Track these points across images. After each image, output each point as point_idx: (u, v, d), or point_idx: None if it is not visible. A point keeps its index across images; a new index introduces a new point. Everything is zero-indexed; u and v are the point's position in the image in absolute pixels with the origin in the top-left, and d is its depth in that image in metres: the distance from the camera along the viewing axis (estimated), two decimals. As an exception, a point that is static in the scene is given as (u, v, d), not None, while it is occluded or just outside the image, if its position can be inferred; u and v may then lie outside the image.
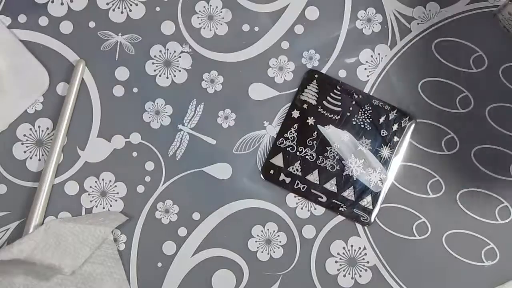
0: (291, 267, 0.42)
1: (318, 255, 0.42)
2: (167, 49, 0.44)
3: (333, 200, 0.42)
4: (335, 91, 0.43)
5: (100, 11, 0.44)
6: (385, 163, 0.42)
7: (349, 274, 0.42)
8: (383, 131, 0.43)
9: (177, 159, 0.43)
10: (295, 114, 0.43)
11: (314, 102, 0.43)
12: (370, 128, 0.42)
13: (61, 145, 0.43)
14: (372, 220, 0.42)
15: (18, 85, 0.43)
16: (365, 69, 0.44)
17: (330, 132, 0.43)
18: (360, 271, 0.42)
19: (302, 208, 0.43)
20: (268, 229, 0.42)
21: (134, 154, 0.43)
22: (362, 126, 0.43)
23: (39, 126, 0.43)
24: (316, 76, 0.43)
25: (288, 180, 0.42)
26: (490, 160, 0.43)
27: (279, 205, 0.43)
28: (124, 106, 0.44)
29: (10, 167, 0.43)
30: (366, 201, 0.42)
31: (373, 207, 0.42)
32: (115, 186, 0.43)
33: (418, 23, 0.44)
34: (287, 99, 0.43)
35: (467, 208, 0.42)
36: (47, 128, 0.43)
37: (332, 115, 0.43)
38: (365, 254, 0.42)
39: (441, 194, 0.42)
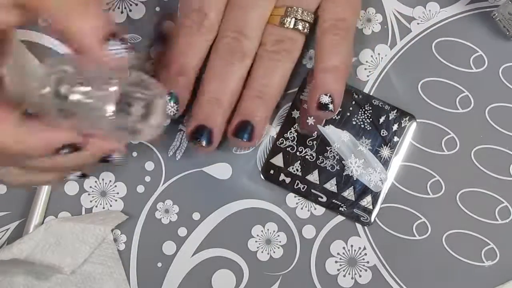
0: (291, 267, 0.42)
1: (318, 255, 0.42)
2: (167, 49, 0.44)
3: (333, 200, 0.42)
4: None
5: (100, 11, 0.44)
6: (385, 163, 0.42)
7: (349, 274, 0.42)
8: (383, 131, 0.43)
9: (177, 159, 0.43)
10: (295, 114, 0.43)
11: (314, 102, 0.43)
12: (370, 128, 0.42)
13: (61, 145, 0.43)
14: (372, 220, 0.42)
15: (18, 85, 0.43)
16: (365, 69, 0.44)
17: (330, 132, 0.43)
18: (360, 271, 0.42)
19: (302, 208, 0.43)
20: (268, 229, 0.42)
21: (134, 154, 0.43)
22: (362, 126, 0.43)
23: (39, 126, 0.43)
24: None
25: (288, 180, 0.42)
26: (490, 160, 0.43)
27: (279, 205, 0.43)
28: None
29: (10, 167, 0.43)
30: (366, 201, 0.42)
31: (373, 207, 0.42)
32: (115, 186, 0.43)
33: (418, 23, 0.44)
34: (287, 99, 0.43)
35: (467, 208, 0.42)
36: (47, 128, 0.43)
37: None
38: (365, 254, 0.42)
39: (441, 194, 0.42)
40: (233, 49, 0.39)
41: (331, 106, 0.38)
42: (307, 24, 0.40)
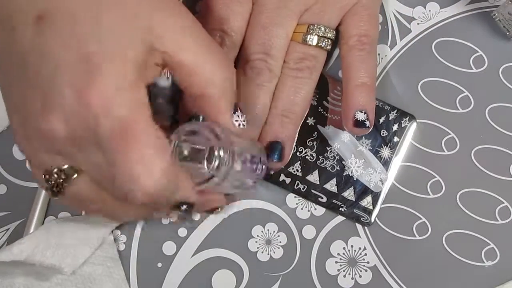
0: (291, 268, 0.42)
1: (318, 256, 0.42)
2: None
3: (333, 201, 0.42)
4: (335, 91, 0.43)
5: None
6: (385, 163, 0.42)
7: (349, 274, 0.42)
8: (383, 131, 0.43)
9: (177, 159, 0.43)
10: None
11: (314, 103, 0.43)
12: (370, 128, 0.42)
13: (61, 145, 0.43)
14: (372, 220, 0.42)
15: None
16: (365, 69, 0.44)
17: (330, 132, 0.43)
18: (360, 271, 0.42)
19: (302, 209, 0.43)
20: (268, 230, 0.42)
21: (134, 154, 0.43)
22: (362, 126, 0.42)
23: (39, 126, 0.43)
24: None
25: (288, 180, 0.42)
26: (490, 160, 0.43)
27: (279, 205, 0.43)
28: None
29: (10, 167, 0.43)
30: (366, 201, 0.42)
31: (373, 207, 0.42)
32: (115, 186, 0.43)
33: (418, 23, 0.44)
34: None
35: (467, 208, 0.42)
36: (47, 128, 0.43)
37: (332, 115, 0.43)
38: (365, 254, 0.42)
39: (441, 194, 0.42)
40: (261, 71, 0.39)
41: (367, 123, 0.39)
42: (329, 41, 0.40)
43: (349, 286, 0.42)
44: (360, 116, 0.39)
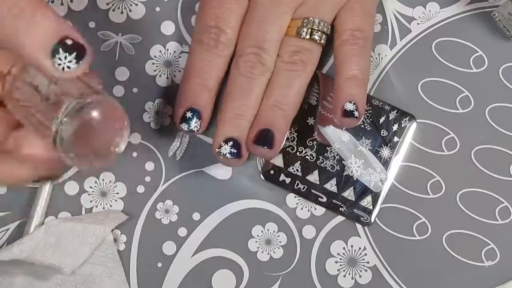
0: (291, 267, 0.42)
1: (318, 255, 0.42)
2: (167, 49, 0.44)
3: (333, 200, 0.42)
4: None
5: (100, 11, 0.44)
6: (385, 163, 0.42)
7: (349, 274, 0.42)
8: (383, 131, 0.43)
9: (177, 159, 0.43)
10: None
11: (314, 102, 0.43)
12: (370, 128, 0.42)
13: (61, 145, 0.43)
14: (372, 220, 0.42)
15: (18, 85, 0.43)
16: (365, 69, 0.44)
17: (330, 132, 0.43)
18: (360, 271, 0.42)
19: (302, 208, 0.43)
20: (268, 229, 0.42)
21: (134, 154, 0.43)
22: (362, 126, 0.43)
23: (39, 126, 0.43)
24: (316, 76, 0.43)
25: (288, 180, 0.42)
26: (490, 160, 0.43)
27: (279, 205, 0.43)
28: (124, 106, 0.43)
29: (10, 167, 0.43)
30: (366, 201, 0.42)
31: (373, 207, 0.42)
32: (115, 186, 0.43)
33: (418, 23, 0.44)
34: (287, 99, 0.43)
35: (467, 208, 0.42)
36: (47, 128, 0.43)
37: (331, 115, 0.43)
38: (365, 254, 0.42)
39: (441, 194, 0.42)
40: (254, 65, 0.39)
41: (356, 113, 0.38)
42: (324, 35, 0.40)
43: (349, 286, 0.42)
44: (349, 107, 0.38)
